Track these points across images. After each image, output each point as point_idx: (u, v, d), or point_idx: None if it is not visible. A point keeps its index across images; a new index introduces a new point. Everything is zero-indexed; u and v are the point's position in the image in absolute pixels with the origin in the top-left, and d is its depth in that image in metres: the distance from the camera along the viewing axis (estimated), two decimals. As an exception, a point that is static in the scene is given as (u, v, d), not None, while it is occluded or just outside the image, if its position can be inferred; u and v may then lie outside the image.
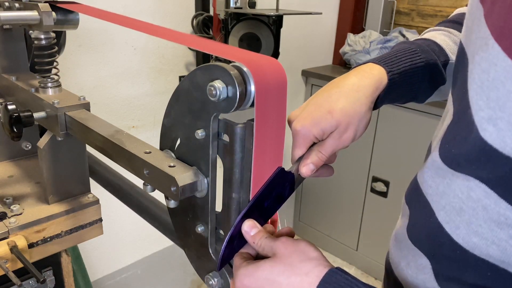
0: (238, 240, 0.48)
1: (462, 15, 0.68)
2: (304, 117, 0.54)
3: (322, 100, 0.55)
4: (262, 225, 0.49)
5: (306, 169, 0.53)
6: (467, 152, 0.42)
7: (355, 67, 0.60)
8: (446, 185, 0.47)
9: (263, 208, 0.49)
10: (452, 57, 0.63)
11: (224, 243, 0.47)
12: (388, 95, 0.59)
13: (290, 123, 0.55)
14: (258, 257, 0.49)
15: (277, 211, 0.53)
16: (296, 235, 0.51)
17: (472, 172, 0.43)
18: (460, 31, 0.64)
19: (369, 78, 0.56)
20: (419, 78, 0.61)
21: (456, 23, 0.68)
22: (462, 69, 0.47)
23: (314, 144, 0.55)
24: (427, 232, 0.50)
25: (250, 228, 0.47)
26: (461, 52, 0.48)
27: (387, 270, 0.64)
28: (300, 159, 0.54)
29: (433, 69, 0.62)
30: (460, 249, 0.46)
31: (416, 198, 0.54)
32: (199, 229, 0.53)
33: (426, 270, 0.51)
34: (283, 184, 0.51)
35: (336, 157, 0.58)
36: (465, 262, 0.46)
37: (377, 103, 0.58)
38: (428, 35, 0.67)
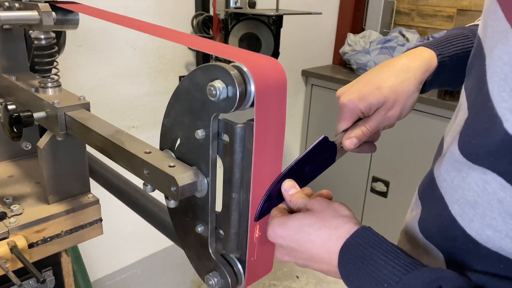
0: (276, 198, 0.51)
1: None
2: (352, 91, 0.56)
3: (371, 77, 0.58)
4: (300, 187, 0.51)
5: (349, 142, 0.55)
6: (488, 143, 0.43)
7: (405, 51, 0.62)
8: (462, 178, 0.47)
9: (303, 172, 0.52)
10: None
11: (263, 199, 0.49)
12: (438, 78, 0.61)
13: (337, 98, 0.58)
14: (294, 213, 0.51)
15: None
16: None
17: (490, 165, 0.43)
18: None
19: (419, 60, 0.59)
20: None
21: None
22: (478, 63, 0.47)
23: (359, 120, 0.57)
24: (439, 225, 0.51)
25: (289, 187, 0.50)
26: (478, 46, 0.48)
27: None
28: (344, 132, 0.56)
29: None
30: (472, 242, 0.46)
31: (430, 192, 0.54)
32: (199, 229, 0.53)
33: (439, 262, 0.51)
34: (325, 153, 0.53)
35: (380, 135, 0.60)
36: (478, 255, 0.46)
37: (426, 87, 0.61)
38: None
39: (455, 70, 0.62)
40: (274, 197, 0.50)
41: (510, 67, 0.40)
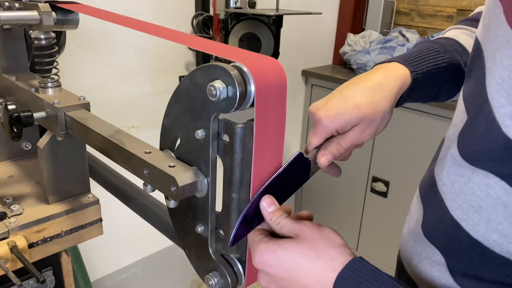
0: (253, 219, 0.48)
1: None
2: (330, 108, 0.54)
3: (348, 93, 0.55)
4: None
5: (324, 159, 0.54)
6: (489, 148, 0.42)
7: (379, 63, 0.61)
8: (464, 183, 0.47)
9: (279, 190, 0.49)
10: None
11: (239, 220, 0.47)
12: (411, 95, 0.60)
13: (312, 113, 0.56)
14: (274, 235, 0.48)
15: None
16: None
17: (494, 169, 0.43)
18: None
19: (394, 78, 0.58)
20: (442, 79, 0.62)
21: (478, 21, 0.68)
22: (478, 66, 0.46)
23: (332, 136, 0.56)
24: (443, 229, 0.51)
25: (268, 204, 0.47)
26: (477, 49, 0.48)
27: (398, 268, 0.64)
28: (317, 149, 0.55)
29: (456, 70, 0.62)
30: (479, 246, 0.46)
31: (431, 194, 0.54)
32: (199, 229, 0.53)
33: (440, 267, 0.51)
34: (299, 170, 0.52)
35: (351, 154, 0.59)
36: (484, 259, 0.46)
37: (399, 102, 0.60)
38: (450, 33, 0.67)
39: (427, 87, 0.61)
40: (250, 217, 0.48)
41: (508, 72, 0.39)
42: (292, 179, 0.51)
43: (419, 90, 0.61)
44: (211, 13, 1.71)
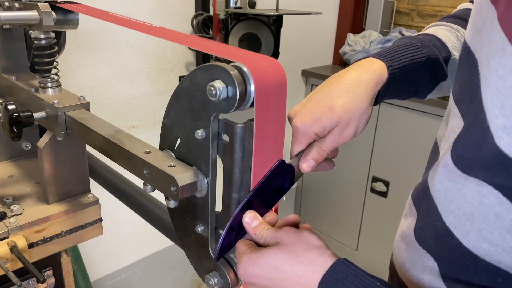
0: (238, 231, 0.48)
1: (466, 10, 0.67)
2: (304, 113, 0.53)
3: (322, 96, 0.54)
4: (263, 214, 0.49)
5: (306, 165, 0.53)
6: (482, 158, 0.42)
7: (355, 61, 0.59)
8: (457, 190, 0.46)
9: (264, 198, 0.49)
10: (455, 52, 0.62)
11: (223, 233, 0.47)
12: (389, 90, 0.58)
13: (290, 119, 0.55)
14: (260, 245, 0.48)
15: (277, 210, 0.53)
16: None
17: (486, 178, 0.43)
18: (463, 26, 0.63)
19: (369, 73, 0.55)
20: (420, 73, 0.60)
21: (460, 18, 0.67)
22: (468, 70, 0.46)
23: (314, 140, 0.54)
24: (435, 236, 0.50)
25: (251, 219, 0.47)
26: (466, 52, 0.47)
27: (391, 271, 0.63)
28: (300, 153, 0.54)
29: (434, 65, 0.61)
30: (470, 254, 0.46)
31: (424, 200, 0.53)
32: (199, 229, 0.53)
33: (433, 272, 0.51)
34: (283, 176, 0.51)
35: (338, 151, 0.58)
36: (476, 267, 0.45)
37: (378, 99, 0.58)
38: (430, 30, 0.66)
39: (405, 82, 0.59)
40: (235, 229, 0.48)
41: (503, 82, 0.39)
42: (277, 186, 0.50)
43: (397, 85, 0.59)
44: (211, 13, 1.71)
